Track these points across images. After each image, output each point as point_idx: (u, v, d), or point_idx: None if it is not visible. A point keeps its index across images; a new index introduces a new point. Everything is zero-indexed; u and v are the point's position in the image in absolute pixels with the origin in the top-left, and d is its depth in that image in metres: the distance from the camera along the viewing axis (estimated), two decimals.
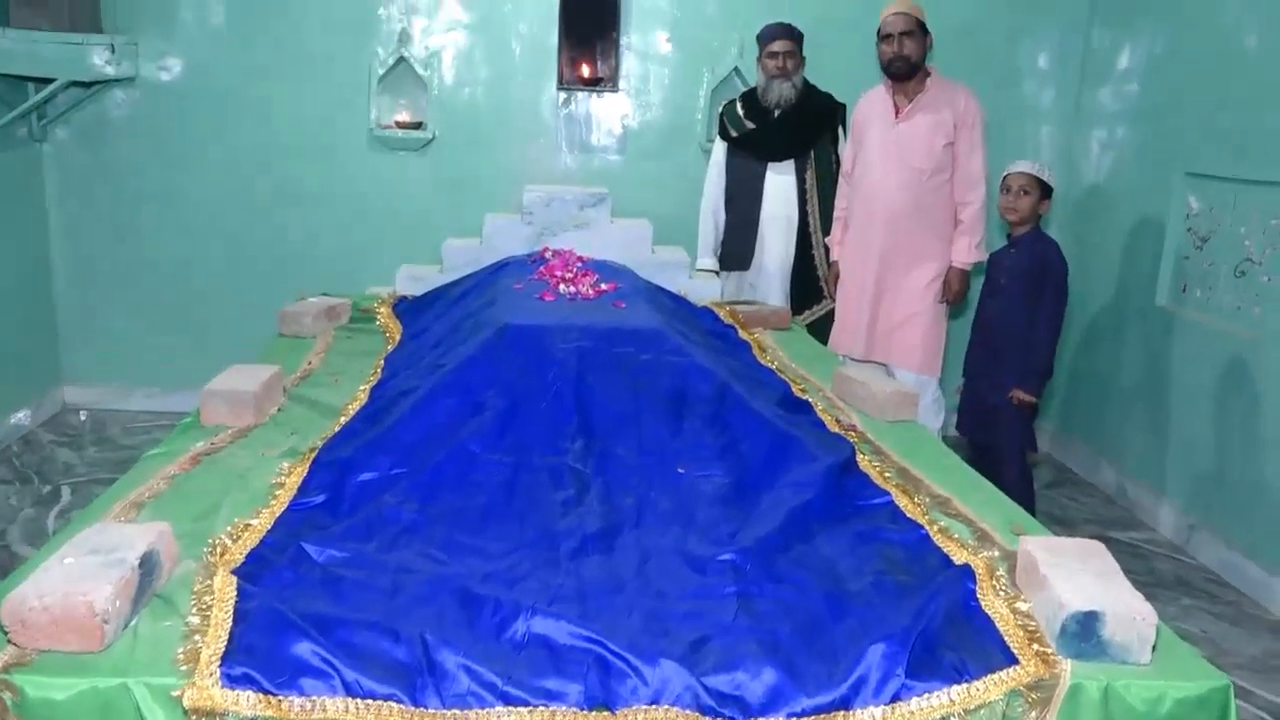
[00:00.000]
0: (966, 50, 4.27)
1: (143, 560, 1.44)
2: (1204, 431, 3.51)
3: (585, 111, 4.44)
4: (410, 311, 3.18)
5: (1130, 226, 4.02)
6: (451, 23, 4.32)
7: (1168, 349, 3.72)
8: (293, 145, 4.32)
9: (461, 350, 2.36)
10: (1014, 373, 3.26)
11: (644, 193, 4.32)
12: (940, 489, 2.03)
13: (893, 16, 3.43)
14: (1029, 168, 3.24)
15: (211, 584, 1.48)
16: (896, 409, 2.52)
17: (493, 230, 3.52)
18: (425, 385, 2.21)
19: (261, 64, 4.25)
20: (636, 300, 2.76)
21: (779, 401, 2.41)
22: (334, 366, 2.72)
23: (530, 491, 1.92)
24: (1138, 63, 4.08)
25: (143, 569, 1.43)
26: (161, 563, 1.51)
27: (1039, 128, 4.54)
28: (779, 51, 3.77)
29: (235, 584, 1.48)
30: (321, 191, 4.37)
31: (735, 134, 3.92)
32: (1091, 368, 4.28)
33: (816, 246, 3.89)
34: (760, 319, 3.37)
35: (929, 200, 3.49)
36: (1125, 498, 3.98)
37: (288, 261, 4.37)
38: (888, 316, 3.59)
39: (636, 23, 4.36)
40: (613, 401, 2.19)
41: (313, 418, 2.29)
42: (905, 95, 3.49)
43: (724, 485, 1.99)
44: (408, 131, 4.32)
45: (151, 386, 4.49)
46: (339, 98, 4.30)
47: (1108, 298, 4.16)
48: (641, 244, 3.58)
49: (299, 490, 1.86)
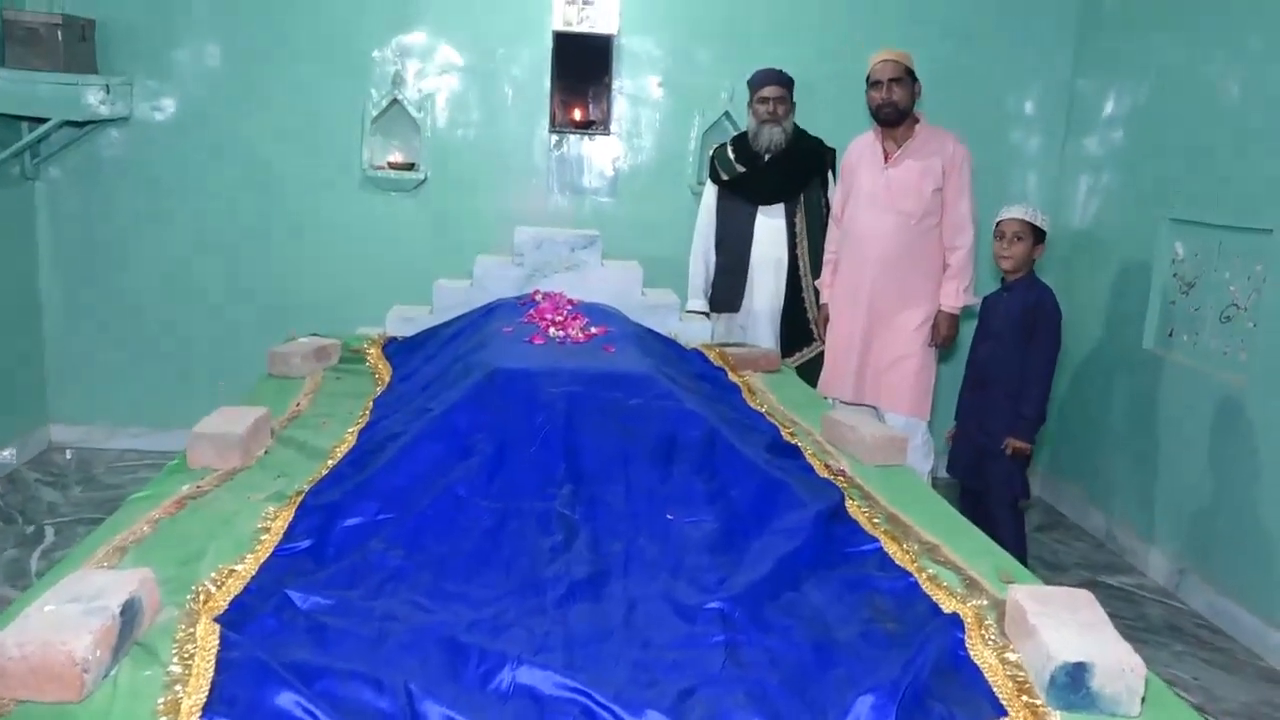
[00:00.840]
0: (955, 98, 4.33)
1: (124, 608, 1.43)
2: (1193, 476, 3.52)
3: (577, 154, 4.48)
4: (400, 353, 3.18)
5: (1117, 271, 4.06)
6: (445, 66, 4.36)
7: (1155, 393, 3.75)
8: (285, 185, 4.35)
9: (450, 394, 2.36)
10: (1006, 419, 3.27)
11: (635, 235, 4.35)
12: (929, 535, 2.03)
13: (882, 64, 3.48)
14: (1022, 213, 3.27)
15: (194, 632, 1.47)
16: (886, 454, 2.52)
17: (483, 271, 3.53)
18: (413, 429, 2.21)
19: (255, 104, 4.29)
20: (626, 344, 2.77)
21: (768, 446, 2.41)
22: (322, 408, 2.71)
23: (518, 537, 1.91)
24: (1122, 111, 4.14)
25: (124, 617, 1.42)
26: (143, 610, 1.49)
27: (1026, 174, 4.60)
28: (770, 97, 3.81)
29: (218, 632, 1.46)
30: (313, 231, 4.39)
31: (726, 177, 3.96)
32: (1080, 411, 4.30)
33: (806, 289, 3.92)
34: (750, 361, 3.38)
35: (918, 244, 3.52)
36: (1115, 542, 3.98)
37: (278, 301, 4.38)
38: (877, 359, 3.61)
39: (628, 67, 4.41)
40: (601, 447, 2.19)
41: (300, 461, 2.28)
42: (895, 141, 3.54)
43: (712, 531, 1.99)
44: (400, 172, 4.35)
45: (138, 425, 4.47)
46: (332, 138, 4.33)
47: (1096, 341, 4.19)
48: (632, 286, 3.59)
49: (285, 535, 1.85)
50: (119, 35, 4.18)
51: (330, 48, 4.27)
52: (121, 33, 4.18)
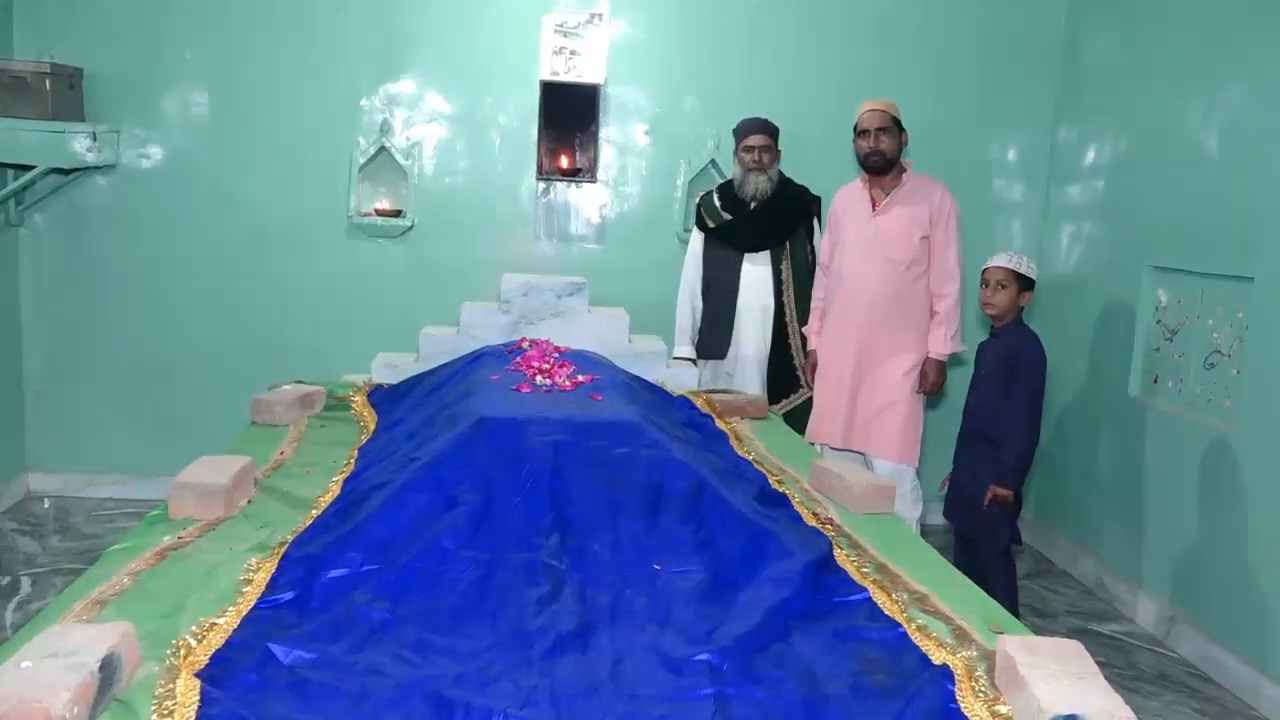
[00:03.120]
0: (939, 147, 4.41)
1: (103, 663, 1.41)
2: (1181, 523, 3.53)
3: (564, 201, 4.53)
4: (385, 401, 3.18)
5: (1101, 318, 4.11)
6: (433, 114, 4.42)
7: (1141, 440, 3.77)
8: (271, 231, 4.37)
9: (436, 443, 2.36)
10: (991, 466, 3.29)
11: (622, 282, 4.39)
12: (918, 585, 2.03)
13: (869, 113, 3.54)
14: (1006, 261, 3.31)
15: (174, 688, 1.45)
16: (874, 502, 2.53)
17: (470, 319, 3.54)
18: (398, 479, 2.20)
19: (242, 152, 4.32)
20: (613, 392, 2.78)
21: (756, 495, 2.42)
22: (306, 457, 2.70)
23: (504, 589, 1.90)
24: (1103, 160, 4.22)
25: (103, 673, 1.40)
26: (122, 665, 1.47)
27: (1010, 222, 4.67)
28: (755, 146, 3.87)
29: (199, 688, 1.45)
30: (299, 278, 4.41)
31: (712, 225, 4.00)
32: (1068, 458, 4.32)
33: (793, 336, 3.94)
34: (737, 408, 3.40)
35: (906, 291, 3.55)
36: (1104, 589, 3.98)
37: (263, 347, 4.38)
38: (865, 405, 3.62)
39: (615, 116, 4.47)
40: (588, 496, 2.19)
41: (283, 511, 2.27)
42: (882, 189, 3.59)
43: (701, 582, 1.98)
44: (387, 219, 4.38)
45: (118, 474, 4.43)
46: (319, 185, 4.37)
47: (1082, 388, 4.22)
48: (619, 333, 3.61)
49: (267, 587, 1.83)
50: (107, 84, 4.22)
51: (318, 96, 4.32)
52: (109, 81, 4.22)
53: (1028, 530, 4.55)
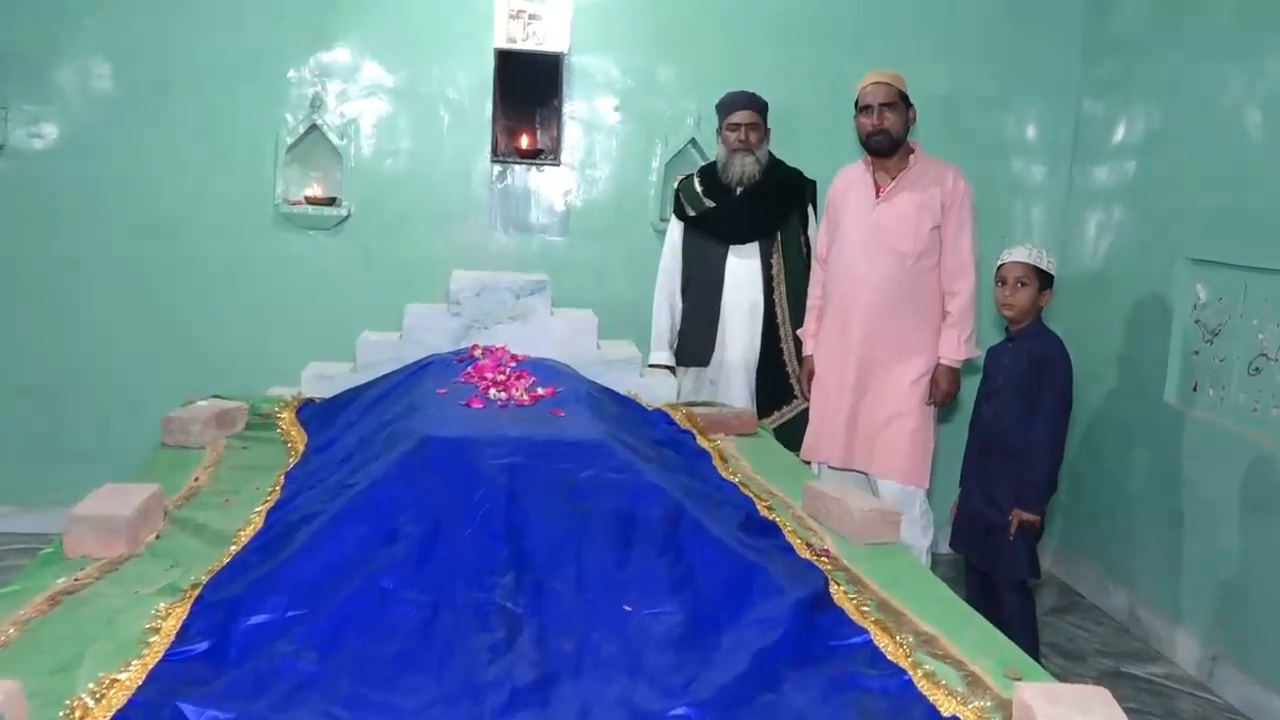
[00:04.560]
0: (950, 124, 4.45)
1: None
2: (1224, 549, 3.57)
3: (523, 187, 4.53)
4: (317, 418, 3.17)
5: (1132, 317, 4.15)
6: (371, 86, 4.41)
7: (1178, 454, 3.81)
8: (184, 222, 4.35)
9: (374, 467, 2.35)
10: (1011, 487, 3.31)
11: (589, 279, 4.39)
12: (926, 625, 2.05)
13: (872, 86, 3.55)
14: (1025, 255, 3.32)
15: None
16: (876, 530, 2.54)
17: (414, 322, 3.54)
18: (331, 509, 2.20)
19: (150, 131, 4.29)
20: (578, 407, 2.79)
21: (742, 523, 2.43)
22: (225, 484, 2.69)
23: (452, 635, 1.90)
24: (1134, 137, 4.27)
25: None
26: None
27: (1030, 208, 4.72)
28: (741, 123, 3.89)
29: None
30: (216, 276, 4.38)
31: (693, 213, 4.02)
32: (1096, 475, 4.36)
33: (785, 339, 3.96)
34: (722, 422, 3.41)
35: (914, 288, 3.57)
36: (1139, 625, 4.02)
37: (174, 357, 4.35)
38: (869, 419, 3.64)
39: (581, 89, 4.48)
40: (549, 527, 2.19)
41: (197, 547, 2.25)
42: (887, 172, 3.61)
43: (678, 624, 1.99)
44: (319, 208, 4.37)
45: (5, 504, 4.38)
46: (239, 169, 4.35)
47: (1111, 397, 4.27)
48: (586, 338, 3.62)
49: (178, 636, 1.82)
50: None
51: (238, 66, 4.31)
52: None
53: (1051, 559, 4.60)
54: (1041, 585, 4.39)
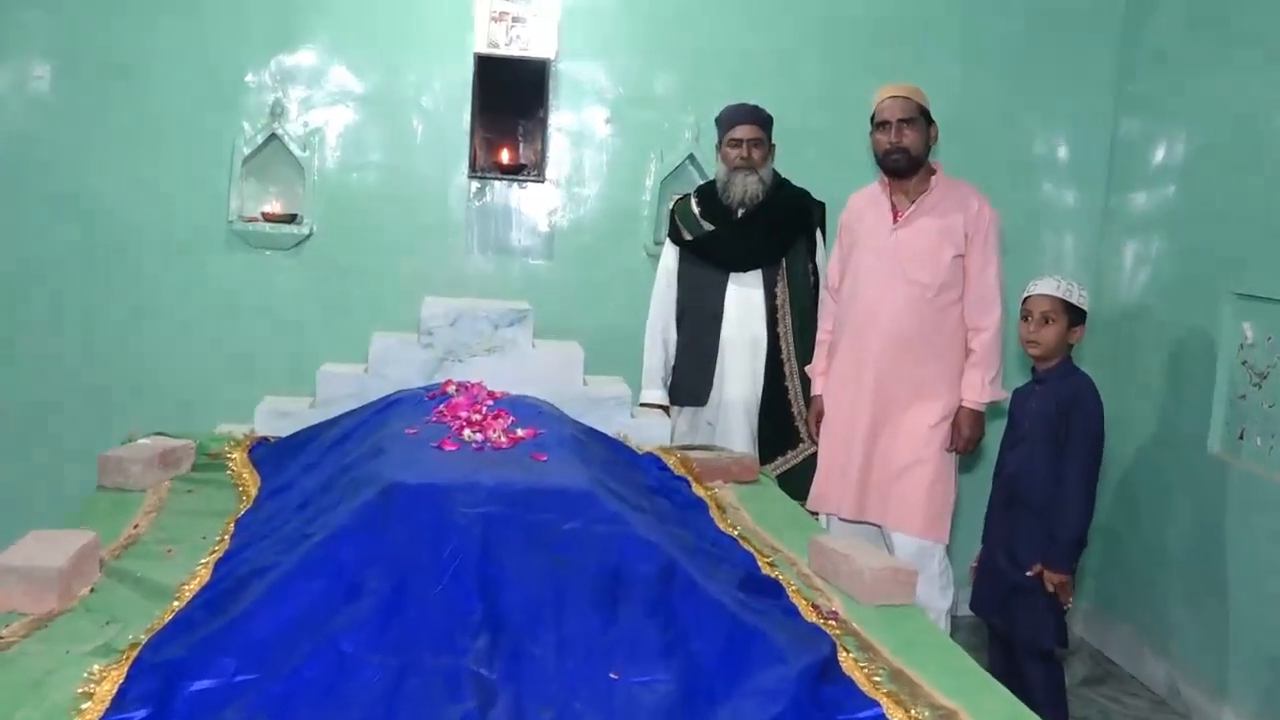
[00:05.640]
0: (974, 144, 4.50)
1: None
2: (1276, 616, 3.57)
3: (503, 205, 4.55)
4: (271, 459, 3.17)
5: (1172, 357, 4.18)
6: (338, 93, 4.44)
7: (1223, 509, 3.82)
8: (129, 241, 4.34)
9: (334, 516, 2.35)
10: (1037, 544, 3.32)
11: (575, 308, 4.41)
12: (944, 698, 2.05)
13: (889, 100, 3.58)
14: (1052, 288, 3.35)
15: None
16: (890, 590, 2.55)
17: (381, 354, 3.54)
18: (286, 561, 2.19)
19: (93, 139, 4.30)
20: (562, 451, 2.79)
21: (741, 582, 2.43)
22: (168, 532, 2.68)
23: (419, 704, 1.89)
24: (1175, 159, 4.31)
25: None
26: None
27: (1060, 237, 4.77)
28: (743, 138, 3.92)
29: None
30: (163, 299, 4.38)
31: (689, 237, 4.04)
32: (1132, 532, 4.37)
33: (790, 377, 3.97)
34: (720, 469, 3.42)
35: (934, 323, 3.59)
36: (1180, 698, 4.02)
37: (114, 390, 4.35)
38: (883, 467, 3.64)
39: (568, 99, 4.52)
40: (528, 585, 2.19)
41: (136, 602, 2.25)
42: (905, 195, 3.64)
43: (669, 694, 1.98)
44: (277, 225, 4.38)
45: None
46: (191, 182, 4.35)
47: (1149, 445, 4.28)
48: (571, 373, 3.62)
49: (113, 703, 1.81)
50: None
51: (191, 69, 4.32)
52: None
53: (1083, 624, 4.60)
54: (1071, 654, 4.39)
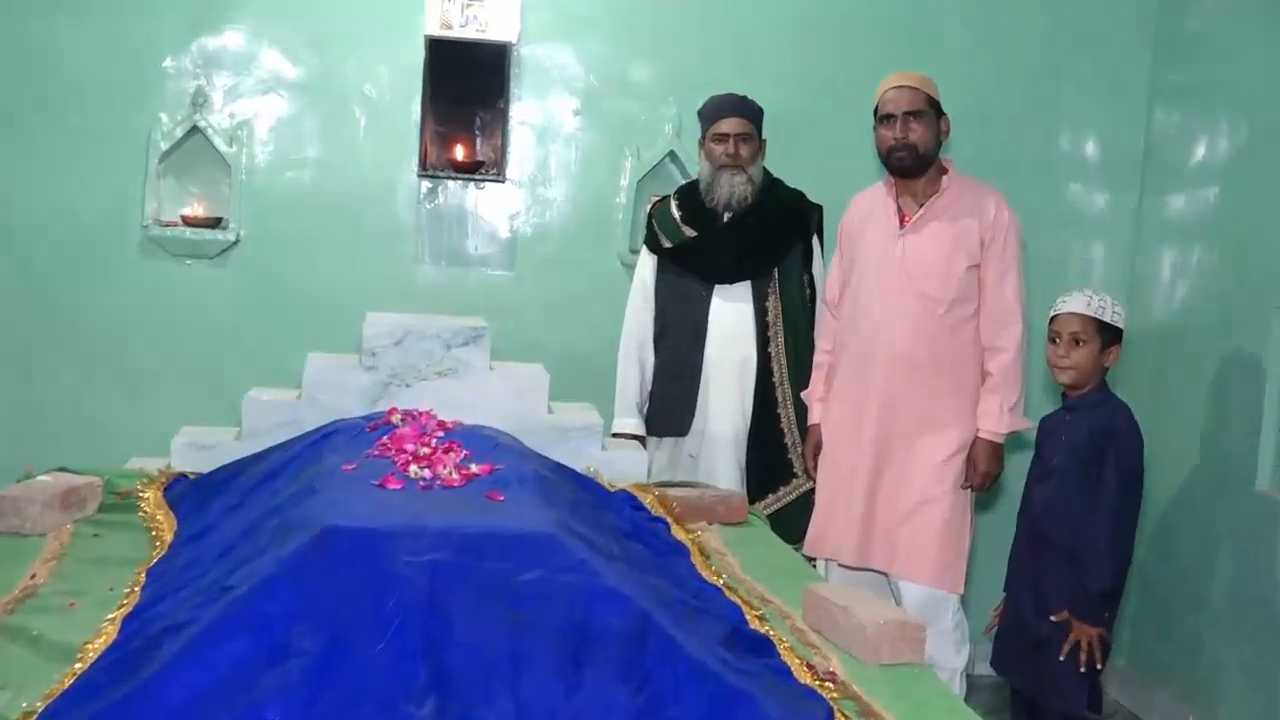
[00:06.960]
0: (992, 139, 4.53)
1: None
2: None
3: (458, 208, 4.56)
4: (190, 499, 3.15)
5: (1216, 382, 4.19)
6: (269, 80, 4.44)
7: (1273, 553, 3.84)
8: (30, 247, 4.34)
9: (261, 565, 2.34)
10: (1067, 593, 3.32)
11: (539, 325, 4.41)
12: None
13: (895, 91, 3.60)
14: (1084, 306, 3.35)
15: None
16: (896, 647, 2.54)
17: (317, 377, 3.53)
18: (204, 618, 2.18)
19: None
20: (522, 489, 2.78)
21: (726, 638, 2.42)
22: (70, 583, 2.66)
23: None
24: (1217, 158, 4.34)
25: None
26: None
27: (1090, 245, 4.80)
28: (730, 133, 3.93)
29: None
30: (66, 315, 4.38)
31: (669, 244, 4.05)
32: (1170, 578, 4.38)
33: (783, 403, 3.98)
34: (704, 509, 3.40)
35: (946, 342, 3.59)
36: None
37: (9, 418, 4.33)
38: (889, 506, 3.65)
39: (532, 87, 4.53)
40: (480, 644, 2.17)
41: (33, 664, 2.23)
42: (913, 197, 3.65)
43: None
44: (199, 230, 4.37)
45: None
46: (100, 181, 4.36)
47: (1190, 480, 4.30)
48: (534, 400, 3.61)
49: None
50: None
51: (100, 53, 4.33)
52: None
53: (1117, 684, 4.60)
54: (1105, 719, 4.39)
